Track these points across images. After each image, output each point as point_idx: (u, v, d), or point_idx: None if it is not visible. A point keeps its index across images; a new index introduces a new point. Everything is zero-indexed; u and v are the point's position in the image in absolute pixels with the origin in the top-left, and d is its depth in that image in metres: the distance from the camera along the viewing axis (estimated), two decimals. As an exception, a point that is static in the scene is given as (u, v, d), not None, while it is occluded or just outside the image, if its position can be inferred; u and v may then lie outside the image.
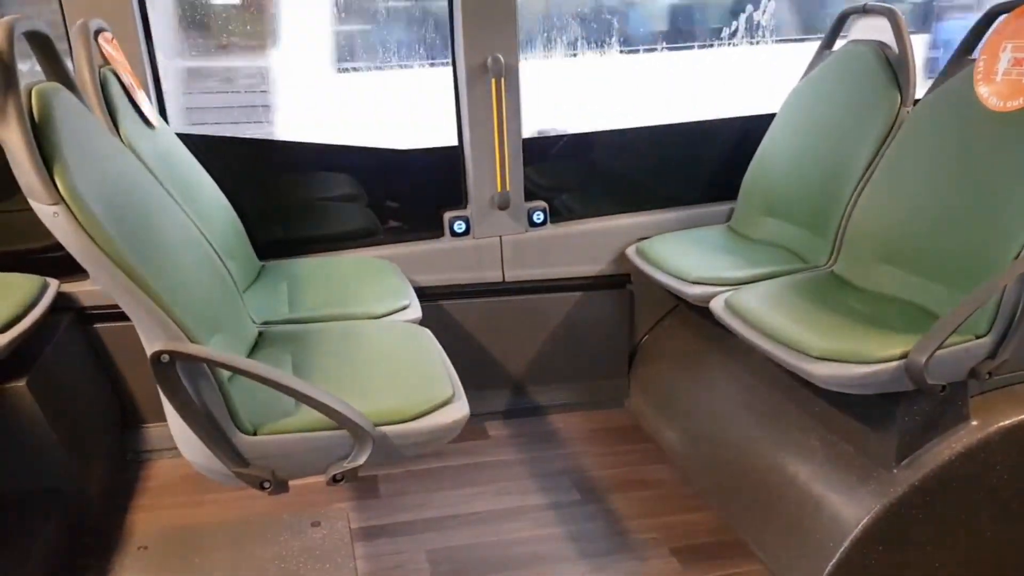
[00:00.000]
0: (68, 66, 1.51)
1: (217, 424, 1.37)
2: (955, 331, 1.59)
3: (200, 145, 2.27)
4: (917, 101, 2.12)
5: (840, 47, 2.43)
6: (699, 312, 2.28)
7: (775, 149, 2.51)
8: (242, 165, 2.47)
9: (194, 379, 1.33)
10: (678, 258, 2.33)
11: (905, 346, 1.62)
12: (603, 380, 2.79)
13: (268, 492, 1.45)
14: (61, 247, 1.24)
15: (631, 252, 2.57)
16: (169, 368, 1.29)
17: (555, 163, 2.67)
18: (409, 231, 2.59)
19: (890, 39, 2.23)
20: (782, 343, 1.79)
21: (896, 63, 2.19)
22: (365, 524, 2.16)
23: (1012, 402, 1.82)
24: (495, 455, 2.51)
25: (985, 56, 1.89)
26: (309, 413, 1.41)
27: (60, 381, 2.09)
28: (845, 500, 1.80)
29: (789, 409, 2.07)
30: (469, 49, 2.36)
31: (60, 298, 2.12)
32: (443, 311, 2.60)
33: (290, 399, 1.43)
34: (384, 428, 1.43)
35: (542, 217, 2.61)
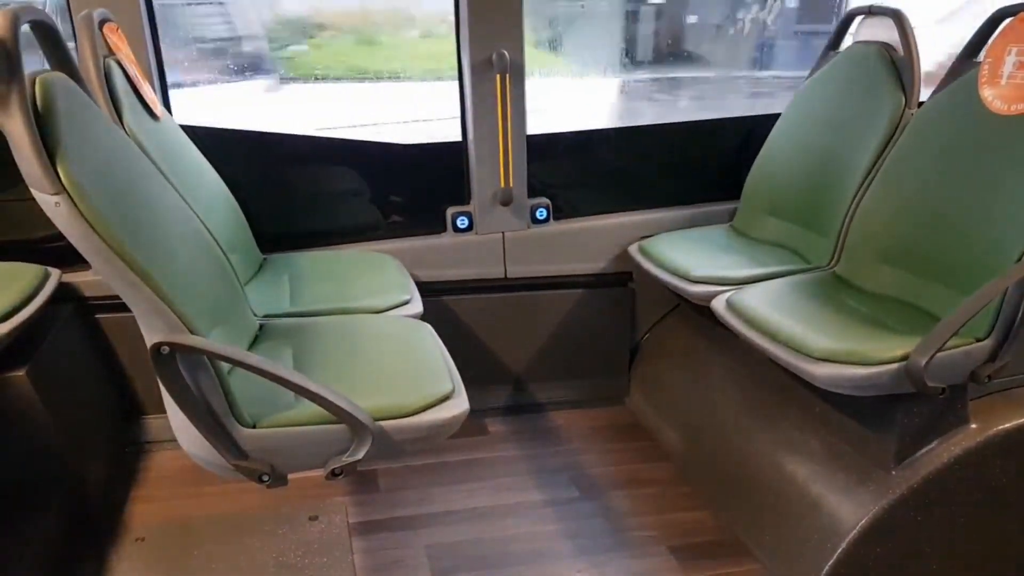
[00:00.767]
0: (73, 56, 1.51)
1: (216, 417, 1.37)
2: (956, 334, 1.59)
3: (204, 137, 2.27)
4: (921, 103, 2.12)
5: (845, 48, 2.43)
6: (700, 311, 2.28)
7: (779, 149, 2.51)
8: (246, 158, 2.47)
9: (194, 371, 1.33)
10: (680, 257, 2.33)
11: (906, 348, 1.61)
12: (603, 378, 2.79)
13: (267, 485, 1.45)
14: (63, 237, 1.24)
15: (633, 250, 2.57)
16: (169, 360, 1.29)
17: (559, 160, 2.67)
18: (412, 226, 2.59)
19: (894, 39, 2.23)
20: (783, 343, 1.79)
21: (901, 65, 2.19)
22: (364, 518, 2.16)
23: (1011, 406, 1.82)
24: (495, 451, 2.51)
25: (990, 59, 1.88)
26: (308, 407, 1.41)
27: (60, 371, 2.10)
28: (843, 501, 1.80)
29: (789, 409, 2.07)
30: (474, 44, 2.35)
31: (61, 288, 2.12)
32: (444, 307, 2.60)
33: (290, 392, 1.43)
34: (383, 423, 1.43)
35: (545, 214, 2.61)
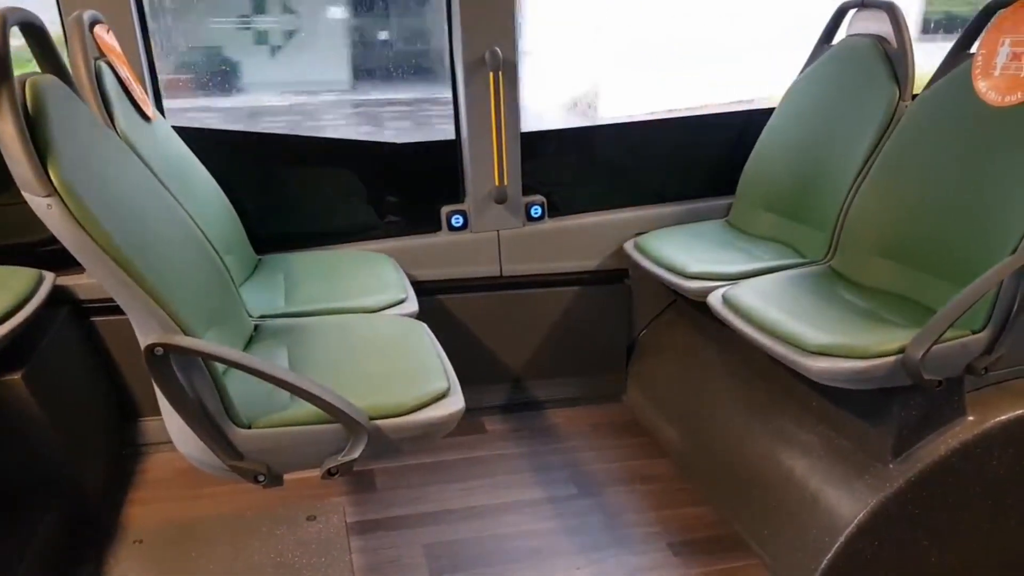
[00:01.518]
0: (63, 58, 1.50)
1: (212, 417, 1.37)
2: (951, 326, 1.59)
3: (196, 138, 2.26)
4: (915, 96, 2.12)
5: (839, 42, 2.42)
6: (697, 307, 2.27)
7: (773, 144, 2.51)
8: (239, 158, 2.46)
9: (188, 372, 1.33)
10: (676, 253, 2.33)
11: (902, 341, 1.61)
12: (601, 375, 2.79)
13: (263, 485, 1.45)
14: (57, 240, 1.24)
15: (629, 247, 2.57)
16: (163, 361, 1.29)
17: (553, 157, 2.67)
18: (406, 225, 2.59)
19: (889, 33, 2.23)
20: (779, 338, 1.79)
21: (895, 57, 2.19)
22: (361, 518, 2.16)
23: (1008, 397, 1.82)
24: (492, 449, 2.51)
25: (983, 51, 1.88)
26: (304, 407, 1.41)
27: (56, 374, 2.09)
28: (841, 494, 1.80)
29: (786, 404, 2.07)
30: (467, 42, 2.35)
31: (56, 291, 2.11)
32: (440, 305, 2.59)
33: (285, 393, 1.43)
34: (379, 422, 1.43)
35: (540, 211, 2.60)
